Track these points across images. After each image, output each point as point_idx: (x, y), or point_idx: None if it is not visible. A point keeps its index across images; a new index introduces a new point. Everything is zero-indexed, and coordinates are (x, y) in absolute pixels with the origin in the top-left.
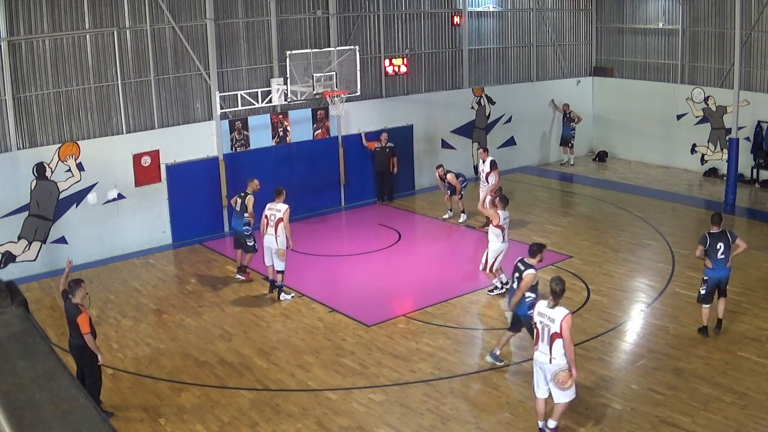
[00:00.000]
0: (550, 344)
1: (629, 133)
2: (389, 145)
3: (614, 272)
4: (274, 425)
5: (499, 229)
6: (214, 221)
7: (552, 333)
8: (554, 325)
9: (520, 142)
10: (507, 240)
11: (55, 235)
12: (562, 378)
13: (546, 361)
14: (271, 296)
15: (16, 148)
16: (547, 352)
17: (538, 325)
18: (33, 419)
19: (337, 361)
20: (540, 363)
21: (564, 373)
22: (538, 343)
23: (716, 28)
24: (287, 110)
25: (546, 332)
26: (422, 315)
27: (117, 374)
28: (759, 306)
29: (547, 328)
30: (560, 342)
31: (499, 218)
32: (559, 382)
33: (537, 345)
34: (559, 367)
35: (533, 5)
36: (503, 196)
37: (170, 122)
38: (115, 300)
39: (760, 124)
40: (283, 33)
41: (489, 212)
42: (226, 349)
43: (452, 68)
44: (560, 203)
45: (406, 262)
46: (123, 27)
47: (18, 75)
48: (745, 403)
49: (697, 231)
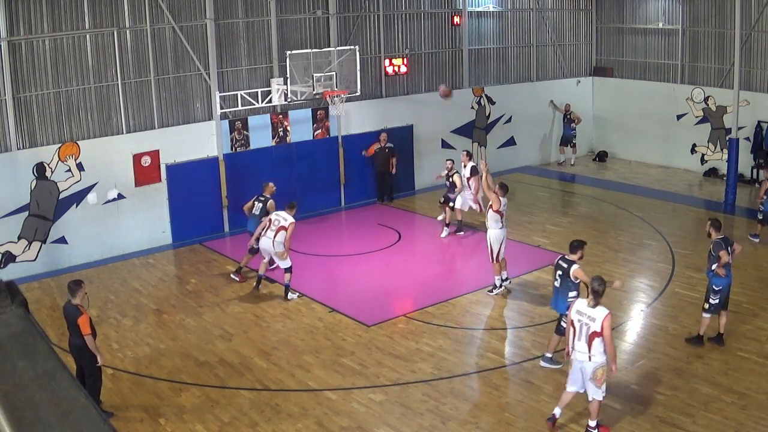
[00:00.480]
0: (589, 343)
1: (629, 133)
2: (388, 146)
3: (614, 272)
4: (274, 425)
5: (498, 214)
6: (214, 221)
7: (592, 332)
8: (594, 324)
9: (520, 142)
10: (505, 226)
11: (55, 235)
12: (599, 375)
13: (585, 360)
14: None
15: (16, 148)
16: (586, 351)
17: (575, 324)
18: (33, 419)
19: (337, 361)
20: (580, 361)
21: (601, 370)
22: (574, 342)
23: (716, 28)
24: (287, 110)
25: (585, 331)
26: (422, 315)
27: (117, 374)
28: (759, 306)
29: (587, 326)
30: (599, 340)
31: (500, 204)
32: (596, 379)
33: (573, 344)
34: (598, 364)
35: (533, 5)
36: (503, 183)
37: (170, 122)
38: (115, 300)
39: (760, 124)
40: (283, 33)
41: (491, 195)
42: (226, 349)
43: (452, 68)
44: (560, 203)
45: (406, 262)
46: (123, 27)
47: (18, 75)
48: (745, 403)
49: (697, 231)
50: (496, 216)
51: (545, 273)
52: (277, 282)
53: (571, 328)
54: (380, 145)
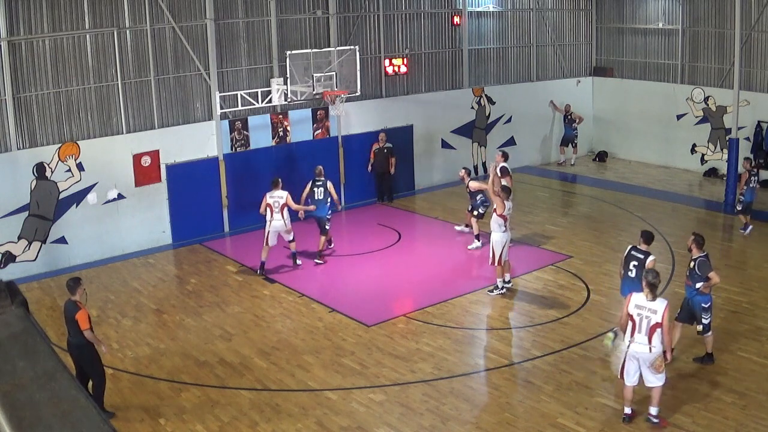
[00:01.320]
0: (649, 335)
1: (629, 133)
2: (387, 146)
3: (614, 272)
4: (274, 425)
5: (501, 218)
6: (214, 221)
7: (653, 324)
8: (656, 316)
9: (520, 142)
10: (508, 230)
11: (55, 235)
12: (658, 364)
13: (646, 351)
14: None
15: (16, 148)
16: (646, 342)
17: (635, 318)
18: (33, 419)
19: (337, 361)
20: (638, 353)
21: (660, 359)
22: (634, 335)
23: (716, 28)
24: (287, 110)
25: (646, 323)
26: (422, 315)
27: (117, 374)
28: (759, 306)
29: (648, 319)
30: (659, 331)
31: (504, 207)
32: (656, 367)
33: (633, 336)
34: (658, 354)
35: (533, 5)
36: (505, 186)
37: (170, 122)
38: (115, 300)
39: (760, 124)
40: (283, 33)
41: (496, 200)
42: (226, 349)
43: (452, 68)
44: (560, 203)
45: (406, 262)
46: (123, 27)
47: (18, 75)
48: (745, 403)
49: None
50: (499, 220)
51: (545, 273)
52: (277, 282)
53: (630, 322)
54: (379, 145)
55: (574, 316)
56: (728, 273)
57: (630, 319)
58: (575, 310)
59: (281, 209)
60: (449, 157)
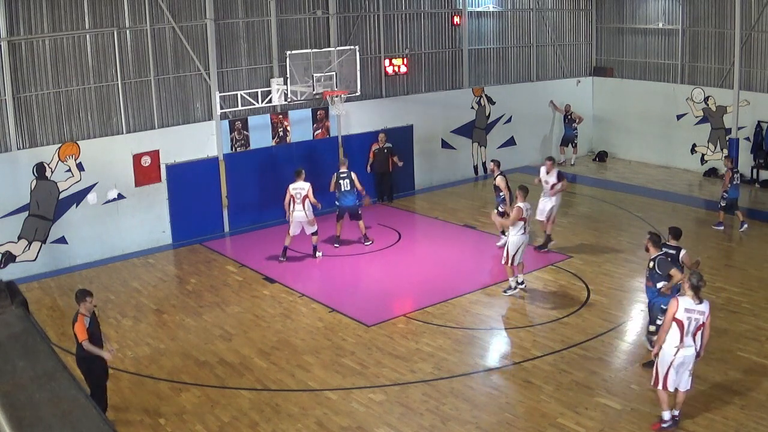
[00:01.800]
0: (695, 336)
1: (629, 133)
2: (387, 146)
3: (614, 272)
4: (274, 425)
5: (521, 221)
6: (214, 221)
7: (699, 325)
8: (703, 317)
9: (520, 142)
10: (527, 233)
11: (55, 235)
12: (695, 364)
13: (692, 353)
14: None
15: (16, 148)
16: (693, 344)
17: (684, 322)
18: (33, 419)
19: (337, 361)
20: (687, 357)
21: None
22: (683, 339)
23: (716, 28)
24: (287, 110)
25: (693, 326)
26: (422, 315)
27: (117, 374)
28: (759, 306)
29: (696, 321)
30: (701, 332)
31: (522, 211)
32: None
33: (682, 341)
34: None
35: (533, 5)
36: (523, 186)
37: (170, 122)
38: (115, 300)
39: (760, 124)
40: (283, 33)
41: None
42: (226, 349)
43: (452, 68)
44: (560, 203)
45: (406, 262)
46: (123, 27)
47: (18, 75)
48: (745, 403)
49: (697, 231)
50: (519, 222)
51: (545, 273)
52: (277, 282)
53: (677, 327)
54: (379, 145)
55: (574, 316)
56: (728, 273)
57: (678, 324)
58: (575, 310)
59: (302, 200)
60: (449, 157)
